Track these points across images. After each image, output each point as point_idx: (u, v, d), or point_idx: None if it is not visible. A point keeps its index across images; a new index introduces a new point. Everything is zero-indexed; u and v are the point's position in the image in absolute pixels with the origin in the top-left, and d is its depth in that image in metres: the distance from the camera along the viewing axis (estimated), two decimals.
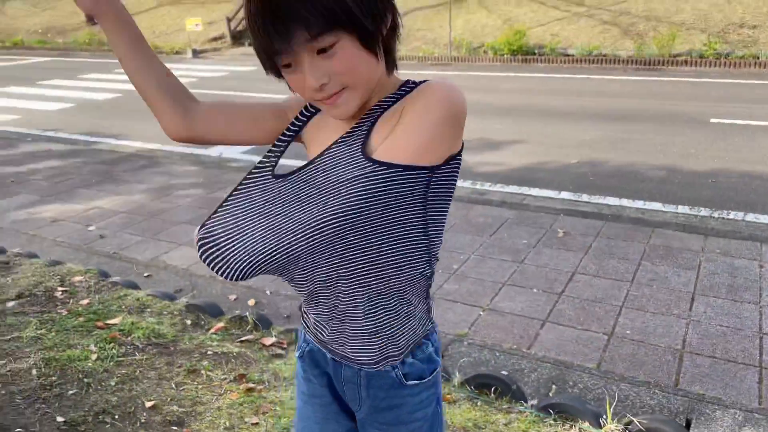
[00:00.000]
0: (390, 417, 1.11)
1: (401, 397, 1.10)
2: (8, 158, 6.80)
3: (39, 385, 2.29)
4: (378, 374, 1.08)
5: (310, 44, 0.87)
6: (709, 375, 2.63)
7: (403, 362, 1.08)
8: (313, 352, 1.14)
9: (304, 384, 1.19)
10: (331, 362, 1.12)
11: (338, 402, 1.17)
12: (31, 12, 22.76)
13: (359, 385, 1.11)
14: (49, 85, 12.30)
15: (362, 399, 1.12)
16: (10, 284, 3.33)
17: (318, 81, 0.90)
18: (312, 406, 1.19)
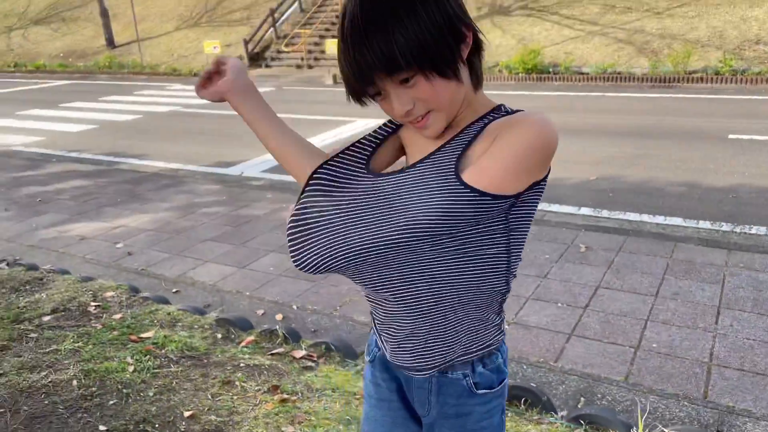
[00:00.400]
0: (457, 425, 1.13)
1: (470, 406, 1.12)
2: (35, 178, 6.95)
3: (80, 395, 2.36)
4: (449, 382, 1.11)
5: (393, 76, 0.94)
6: (738, 387, 2.64)
7: (473, 371, 1.10)
8: (385, 357, 1.17)
9: (373, 388, 1.22)
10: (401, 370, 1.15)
11: (406, 407, 1.19)
12: (53, 36, 23.29)
13: (430, 391, 1.13)
14: (71, 108, 12.56)
15: (431, 404, 1.14)
16: (45, 299, 3.42)
17: (403, 108, 0.97)
18: (380, 410, 1.21)
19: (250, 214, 5.31)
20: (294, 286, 3.85)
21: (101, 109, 12.22)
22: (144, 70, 18.43)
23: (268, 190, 6.01)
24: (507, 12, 15.38)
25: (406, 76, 0.94)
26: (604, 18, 13.87)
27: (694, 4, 13.28)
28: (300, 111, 10.65)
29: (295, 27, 18.41)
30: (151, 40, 20.53)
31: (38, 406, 2.30)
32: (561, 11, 14.60)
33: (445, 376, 1.11)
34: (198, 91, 1.23)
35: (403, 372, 1.15)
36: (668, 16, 13.22)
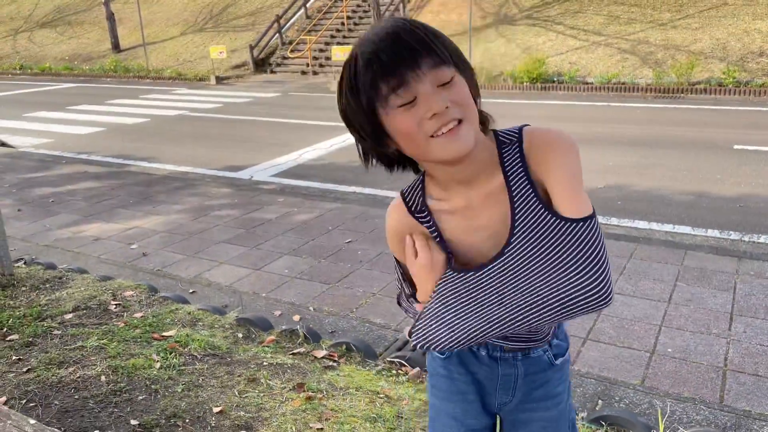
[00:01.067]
0: (540, 394, 1.22)
1: (548, 375, 1.22)
2: (46, 179, 7.00)
3: (109, 390, 2.40)
4: (534, 361, 1.20)
5: (433, 72, 0.94)
6: (754, 392, 2.68)
7: (550, 345, 1.20)
8: (462, 353, 1.22)
9: (446, 382, 1.26)
10: (486, 360, 1.20)
11: (480, 401, 1.25)
12: (58, 40, 23.40)
13: (516, 375, 1.20)
14: (79, 110, 12.62)
15: (517, 387, 1.21)
16: (66, 298, 3.46)
17: (443, 104, 0.95)
18: (452, 403, 1.26)
19: (262, 217, 5.36)
20: (309, 289, 3.90)
21: (108, 112, 12.28)
22: (149, 74, 18.51)
23: (279, 194, 6.06)
24: (512, 21, 15.49)
25: (449, 77, 0.96)
26: (608, 28, 13.98)
27: (698, 16, 13.39)
28: (306, 117, 10.73)
29: (300, 33, 18.52)
30: (156, 44, 20.63)
31: (69, 401, 2.34)
32: (566, 21, 14.71)
33: (528, 357, 1.19)
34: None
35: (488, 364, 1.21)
36: (672, 28, 13.33)
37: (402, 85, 0.94)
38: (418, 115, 0.95)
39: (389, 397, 2.43)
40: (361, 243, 4.61)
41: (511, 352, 1.19)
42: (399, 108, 0.95)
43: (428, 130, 0.96)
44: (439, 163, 1.02)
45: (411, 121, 0.96)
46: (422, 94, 0.94)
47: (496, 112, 1.11)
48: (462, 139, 0.97)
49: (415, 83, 0.94)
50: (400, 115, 0.96)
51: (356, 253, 4.43)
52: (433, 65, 0.94)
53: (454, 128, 0.96)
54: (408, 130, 0.96)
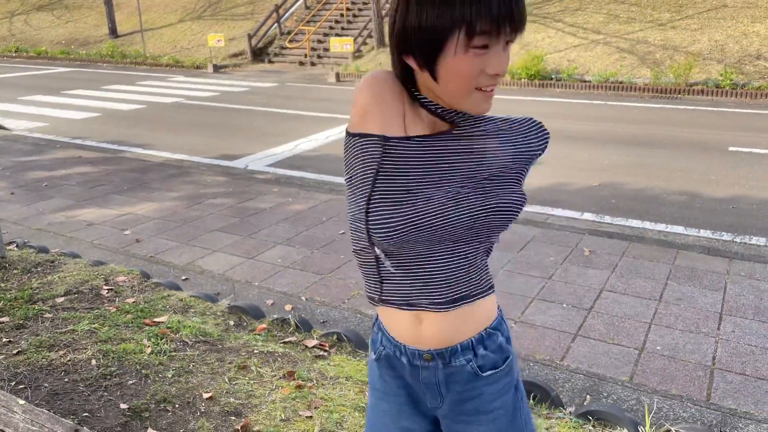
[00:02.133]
0: (470, 408, 1.17)
1: (479, 388, 1.15)
2: (40, 163, 6.97)
3: (99, 374, 2.40)
4: (455, 370, 1.14)
5: (515, 34, 0.95)
6: (741, 391, 2.71)
7: (476, 355, 1.13)
8: (390, 357, 1.18)
9: (380, 382, 1.23)
10: (407, 367, 1.17)
11: (413, 403, 1.21)
12: (55, 23, 23.22)
13: (438, 384, 1.16)
14: (74, 95, 12.55)
15: (443, 396, 1.17)
16: (58, 281, 3.45)
17: (505, 67, 0.97)
18: (387, 402, 1.23)
19: (256, 206, 5.35)
20: (302, 279, 3.90)
21: (104, 98, 12.22)
22: (146, 61, 18.41)
23: (274, 184, 6.05)
24: None
25: (515, 38, 0.96)
26: (607, 27, 13.98)
27: (697, 17, 13.41)
28: (303, 108, 10.70)
29: (299, 23, 18.45)
30: (153, 30, 20.50)
31: (58, 384, 2.34)
32: (565, 19, 14.70)
33: (450, 366, 1.14)
34: None
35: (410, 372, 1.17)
36: (671, 28, 13.34)
37: (495, 32, 0.93)
38: (483, 65, 0.95)
39: None
40: None
41: (430, 361, 1.14)
42: (475, 47, 0.93)
43: (482, 83, 0.97)
44: (458, 108, 1.03)
45: (475, 67, 0.95)
46: (496, 50, 0.95)
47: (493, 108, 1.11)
48: (490, 102, 1.02)
49: (506, 34, 0.94)
50: (470, 57, 0.94)
51: (349, 245, 4.43)
52: (518, 28, 0.95)
53: (492, 92, 1.00)
54: (469, 74, 0.96)
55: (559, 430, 2.29)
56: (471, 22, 0.91)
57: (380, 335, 1.20)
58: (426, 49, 0.96)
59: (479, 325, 1.14)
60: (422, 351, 1.13)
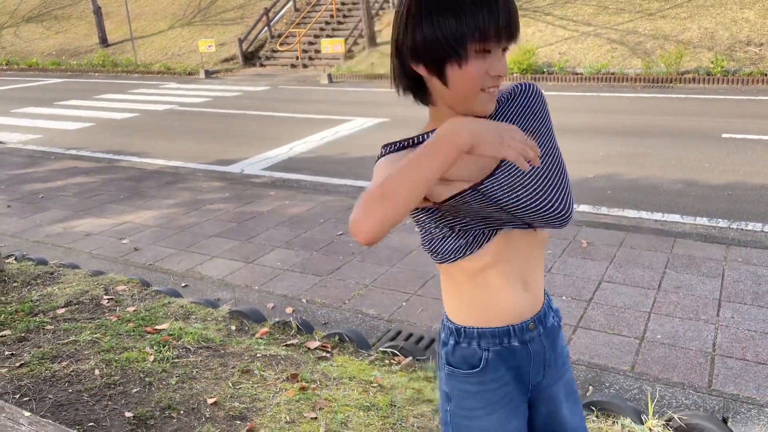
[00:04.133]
0: (562, 362, 1.30)
1: (560, 341, 1.30)
2: (35, 175, 6.96)
3: (103, 383, 2.40)
4: (551, 331, 1.27)
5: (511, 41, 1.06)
6: (742, 376, 2.72)
7: (554, 311, 1.30)
8: (499, 353, 1.21)
9: (479, 397, 1.23)
10: (520, 349, 1.21)
11: (517, 395, 1.25)
12: (45, 35, 23.17)
13: (545, 349, 1.25)
14: (67, 106, 12.53)
15: (548, 363, 1.26)
16: (58, 293, 3.45)
17: (504, 70, 1.07)
18: (493, 414, 1.23)
19: (254, 210, 5.36)
20: (302, 281, 3.91)
21: (97, 107, 12.20)
22: (138, 69, 18.39)
23: (271, 188, 6.06)
24: None
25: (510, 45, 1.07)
26: (597, 19, 14.01)
27: (686, 6, 13.44)
28: (296, 110, 10.71)
29: (289, 26, 18.44)
30: (144, 38, 20.48)
31: (63, 395, 2.34)
32: (555, 12, 14.73)
33: (546, 327, 1.25)
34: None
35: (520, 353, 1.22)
36: (661, 17, 13.37)
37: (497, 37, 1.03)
38: (487, 67, 1.05)
39: (382, 386, 2.45)
40: None
41: (533, 330, 1.23)
42: (479, 52, 1.04)
43: (485, 84, 1.07)
44: (467, 111, 1.10)
45: (481, 69, 1.05)
46: (497, 54, 1.06)
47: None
48: (493, 103, 1.12)
49: (504, 41, 1.05)
50: (476, 59, 1.04)
51: (348, 245, 4.45)
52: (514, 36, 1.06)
53: (495, 92, 1.10)
54: (476, 74, 1.05)
55: None
56: (483, 29, 1.02)
57: (476, 342, 1.22)
58: (440, 57, 1.05)
59: (542, 283, 1.28)
60: (527, 322, 1.22)
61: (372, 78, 14.24)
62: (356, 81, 14.41)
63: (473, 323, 1.22)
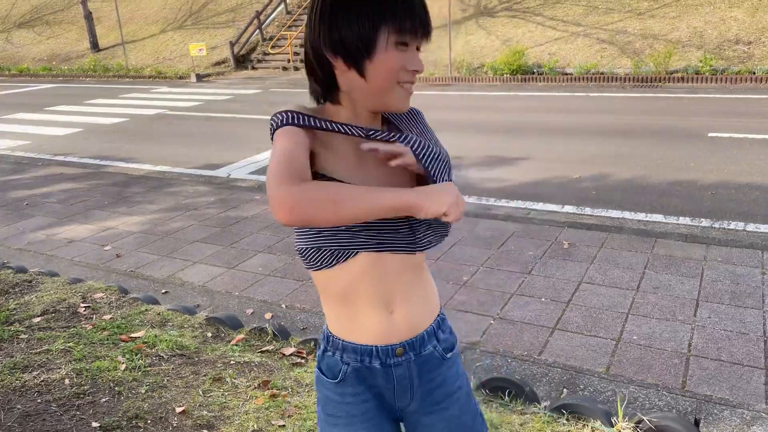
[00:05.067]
0: (439, 395, 1.22)
1: (443, 373, 1.23)
2: (22, 182, 6.94)
3: (72, 393, 2.39)
4: (425, 359, 1.20)
5: (426, 39, 1.10)
6: (716, 377, 2.73)
7: (438, 340, 1.22)
8: (357, 369, 1.18)
9: (340, 408, 1.21)
10: (380, 371, 1.18)
11: (381, 414, 1.22)
12: (37, 40, 23.12)
13: (411, 378, 1.20)
14: (57, 111, 12.50)
15: (414, 389, 1.21)
16: (35, 301, 3.44)
17: (423, 67, 1.12)
18: (352, 426, 1.21)
19: (238, 215, 5.35)
20: (283, 286, 3.90)
21: (86, 113, 12.17)
22: (129, 73, 18.36)
23: (256, 192, 6.05)
24: (492, 13, 15.51)
25: (425, 44, 1.11)
26: (587, 19, 14.03)
27: (675, 5, 13.47)
28: None
29: (281, 29, 18.43)
30: (135, 42, 20.44)
31: (31, 405, 2.33)
32: (545, 12, 14.75)
33: (421, 356, 1.19)
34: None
35: (382, 373, 1.19)
36: (650, 17, 13.40)
37: (414, 31, 1.07)
38: (404, 61, 1.08)
39: None
40: None
41: (402, 355, 1.18)
42: (398, 45, 1.07)
43: (402, 77, 1.09)
44: (383, 107, 1.12)
45: (399, 63, 1.07)
46: (413, 49, 1.10)
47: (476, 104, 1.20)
48: (409, 99, 1.14)
49: (419, 37, 1.09)
50: (395, 52, 1.07)
51: None
52: (428, 34, 1.11)
53: (411, 89, 1.13)
54: (393, 68, 1.07)
55: (533, 425, 2.30)
56: (400, 21, 1.05)
57: (339, 354, 1.20)
58: (358, 48, 1.05)
59: (434, 312, 1.23)
60: (394, 346, 1.17)
61: None
62: None
63: (339, 334, 1.19)
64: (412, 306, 1.18)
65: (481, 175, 6.27)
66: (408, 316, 1.18)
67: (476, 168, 6.55)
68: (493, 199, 5.48)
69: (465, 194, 5.61)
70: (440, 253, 4.23)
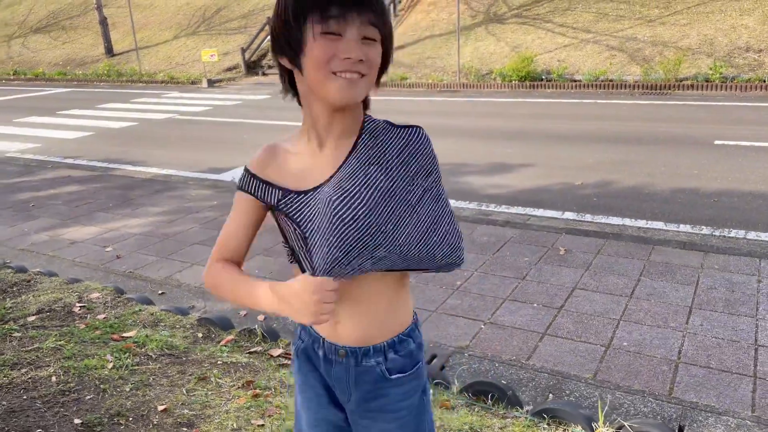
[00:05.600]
0: (375, 406, 1.23)
1: (385, 389, 1.22)
2: (30, 184, 7.03)
3: (58, 390, 2.42)
4: (364, 370, 1.21)
5: (368, 27, 1.05)
6: (704, 384, 2.70)
7: (386, 358, 1.21)
8: (307, 349, 1.27)
9: (300, 377, 1.31)
10: (322, 361, 1.24)
11: (329, 394, 1.27)
12: (53, 45, 23.45)
13: (348, 383, 1.22)
14: (69, 115, 12.66)
15: (351, 394, 1.23)
16: (31, 300, 3.49)
17: (360, 55, 1.04)
18: (306, 394, 1.30)
19: None
20: None
21: (98, 117, 12.32)
22: (142, 78, 18.56)
23: None
24: (501, 20, 15.51)
25: (375, 39, 1.07)
26: (596, 26, 14.00)
27: (686, 12, 13.41)
28: (292, 118, 10.73)
29: None
30: (149, 48, 20.67)
31: (16, 401, 2.37)
32: (554, 19, 14.73)
33: (360, 365, 1.21)
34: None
35: (324, 366, 1.24)
36: (660, 24, 13.34)
37: (343, 17, 1.03)
38: (335, 50, 1.04)
39: None
40: None
41: (343, 358, 1.21)
42: (325, 34, 1.03)
43: (335, 66, 1.04)
44: (325, 101, 1.09)
45: (326, 52, 1.04)
46: (349, 37, 1.04)
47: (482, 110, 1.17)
48: (355, 90, 1.07)
49: (352, 24, 1.03)
50: (320, 41, 1.03)
51: None
52: (371, 21, 1.05)
53: (355, 79, 1.06)
54: (321, 58, 1.04)
55: (513, 429, 2.30)
56: (323, 9, 1.02)
57: (300, 329, 1.29)
58: (290, 43, 1.06)
59: (392, 330, 1.22)
60: (338, 346, 1.21)
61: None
62: None
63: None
64: (359, 322, 1.19)
65: (482, 181, 6.27)
66: (353, 330, 1.20)
67: (478, 174, 6.55)
68: (493, 205, 5.47)
69: (466, 200, 5.62)
70: None
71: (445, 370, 2.88)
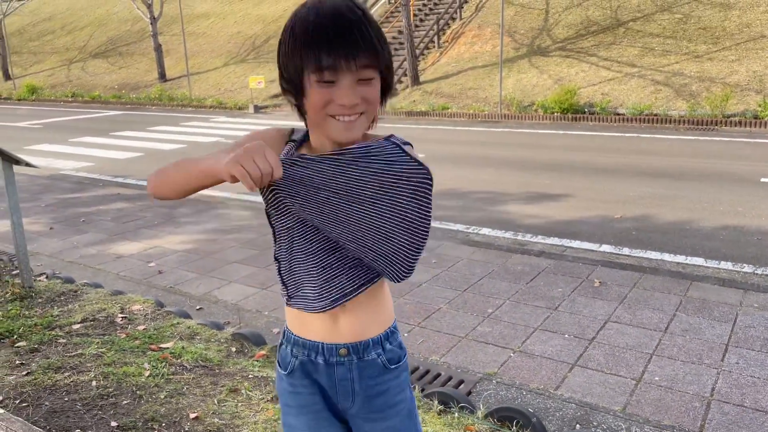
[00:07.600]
0: (379, 403, 1.28)
1: (386, 382, 1.29)
2: (81, 200, 7.35)
3: (97, 394, 2.53)
4: (367, 364, 1.27)
5: (362, 71, 1.08)
6: (736, 422, 2.65)
7: (384, 349, 1.28)
8: (304, 363, 1.28)
9: (292, 398, 1.30)
10: (323, 368, 1.26)
11: (328, 408, 1.30)
12: (110, 69, 24.52)
13: (352, 380, 1.27)
14: (121, 136, 13.18)
15: (356, 393, 1.28)
16: (77, 309, 3.65)
17: (355, 99, 1.09)
18: (303, 416, 1.30)
19: None
20: None
21: (148, 138, 12.79)
22: (191, 103, 19.20)
23: None
24: (545, 53, 15.56)
25: (372, 78, 1.10)
26: (642, 60, 13.91)
27: (735, 48, 13.22)
28: None
29: None
30: (200, 74, 21.41)
31: (59, 402, 2.48)
32: (599, 53, 14.70)
33: (363, 360, 1.27)
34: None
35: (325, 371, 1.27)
36: (708, 60, 13.18)
37: (334, 69, 1.06)
38: (330, 96, 1.08)
39: None
40: None
41: (345, 356, 1.26)
42: (319, 82, 1.07)
43: (332, 111, 1.10)
44: (326, 137, 1.16)
45: (323, 98, 1.09)
46: (342, 84, 1.08)
47: (523, 141, 1.19)
48: (354, 130, 1.13)
49: (345, 72, 1.07)
50: (316, 88, 1.08)
51: None
52: (365, 65, 1.08)
53: (353, 120, 1.11)
54: (317, 104, 1.10)
55: None
56: (317, 59, 1.06)
57: (289, 348, 1.30)
58: (292, 87, 1.13)
59: (384, 324, 1.30)
60: (339, 345, 1.25)
61: (412, 115, 14.47)
62: (397, 117, 14.66)
63: (292, 329, 1.30)
64: (357, 316, 1.25)
65: (519, 210, 6.27)
66: (353, 324, 1.25)
67: (515, 203, 6.56)
68: (529, 235, 5.47)
69: (502, 229, 5.63)
70: (467, 285, 4.25)
71: (471, 395, 2.89)
